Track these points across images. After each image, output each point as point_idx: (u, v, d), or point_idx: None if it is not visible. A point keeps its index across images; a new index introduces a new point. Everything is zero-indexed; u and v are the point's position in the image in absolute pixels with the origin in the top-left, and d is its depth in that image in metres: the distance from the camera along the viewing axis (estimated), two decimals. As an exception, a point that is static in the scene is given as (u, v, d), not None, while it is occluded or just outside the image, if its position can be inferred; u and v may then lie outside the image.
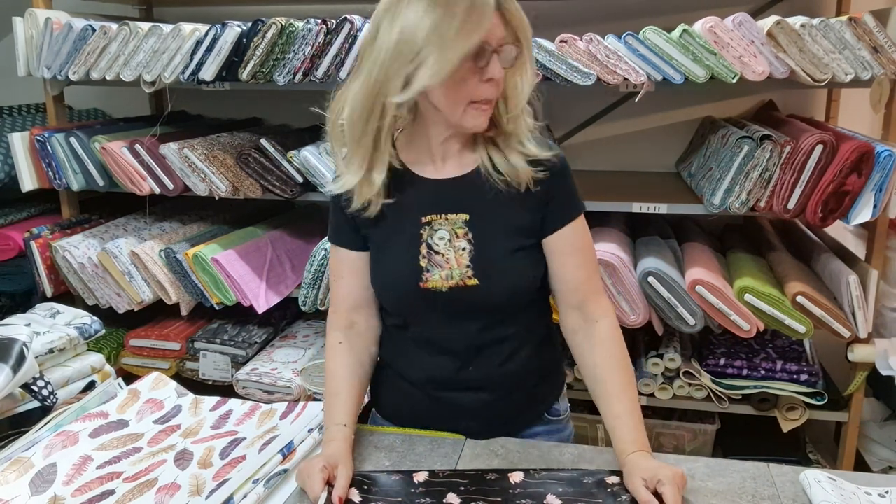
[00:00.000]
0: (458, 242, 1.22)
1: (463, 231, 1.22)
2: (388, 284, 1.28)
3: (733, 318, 1.97)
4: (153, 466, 1.14)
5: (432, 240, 1.23)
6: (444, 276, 1.22)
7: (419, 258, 1.23)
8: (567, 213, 1.24)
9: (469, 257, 1.21)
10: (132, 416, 1.28)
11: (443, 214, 1.23)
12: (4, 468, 1.10)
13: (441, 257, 1.22)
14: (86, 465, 1.14)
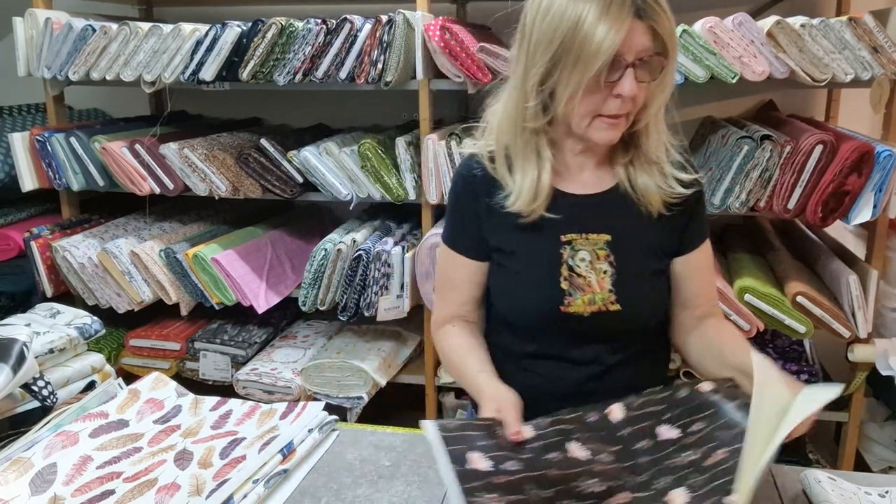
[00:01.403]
0: (600, 265, 1.17)
1: (604, 253, 1.17)
2: (523, 306, 1.20)
3: (733, 318, 1.97)
4: (153, 466, 1.14)
5: (573, 261, 1.17)
6: (587, 300, 1.16)
7: (560, 280, 1.16)
8: (702, 234, 1.23)
9: (611, 281, 1.16)
10: (132, 416, 1.28)
11: (584, 234, 1.17)
12: (4, 468, 1.10)
13: (583, 280, 1.16)
14: (86, 465, 1.14)
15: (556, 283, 1.16)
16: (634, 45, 1.04)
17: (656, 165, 1.16)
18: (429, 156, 2.11)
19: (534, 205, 1.16)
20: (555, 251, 1.17)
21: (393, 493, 1.11)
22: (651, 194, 1.16)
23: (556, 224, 1.17)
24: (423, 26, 2.04)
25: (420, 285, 2.21)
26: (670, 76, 1.10)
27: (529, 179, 1.15)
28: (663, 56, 1.06)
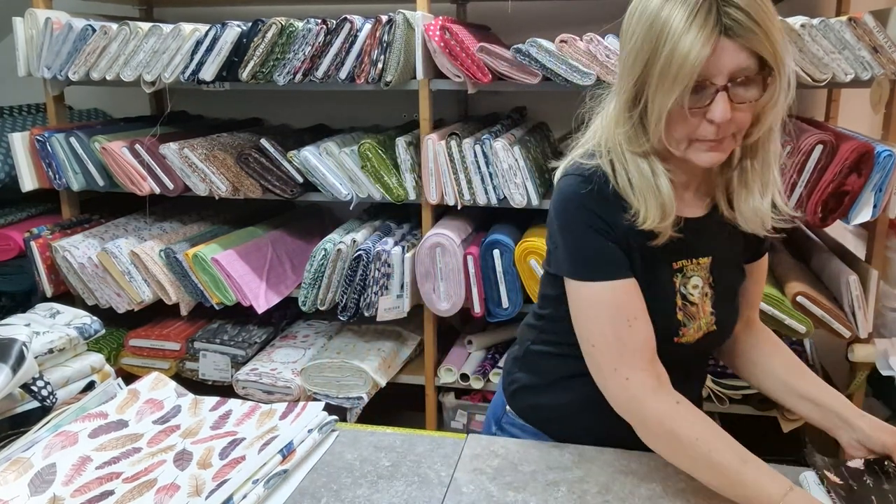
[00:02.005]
0: (705, 289, 1.13)
1: (706, 275, 1.13)
2: None
3: (733, 318, 1.97)
4: (153, 467, 1.14)
5: (686, 289, 1.11)
6: (696, 328, 1.12)
7: (676, 311, 1.10)
8: (769, 242, 1.23)
9: (711, 303, 1.13)
10: (131, 417, 1.28)
11: (694, 259, 1.11)
12: (4, 468, 1.10)
13: (695, 308, 1.12)
14: (85, 465, 1.14)
15: (672, 315, 1.10)
16: (725, 67, 0.93)
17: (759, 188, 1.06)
18: (429, 156, 2.11)
19: (665, 223, 1.03)
20: (668, 279, 1.09)
21: (393, 493, 1.10)
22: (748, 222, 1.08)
23: (666, 251, 1.07)
24: (423, 26, 2.04)
25: (420, 285, 2.21)
26: (782, 93, 0.97)
27: (653, 195, 1.02)
28: (759, 77, 0.95)
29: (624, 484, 1.12)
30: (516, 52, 1.99)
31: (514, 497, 1.09)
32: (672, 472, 1.14)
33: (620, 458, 1.19)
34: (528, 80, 2.02)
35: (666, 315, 1.09)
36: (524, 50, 1.97)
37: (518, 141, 2.16)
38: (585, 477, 1.14)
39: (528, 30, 2.46)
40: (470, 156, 2.09)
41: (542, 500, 1.08)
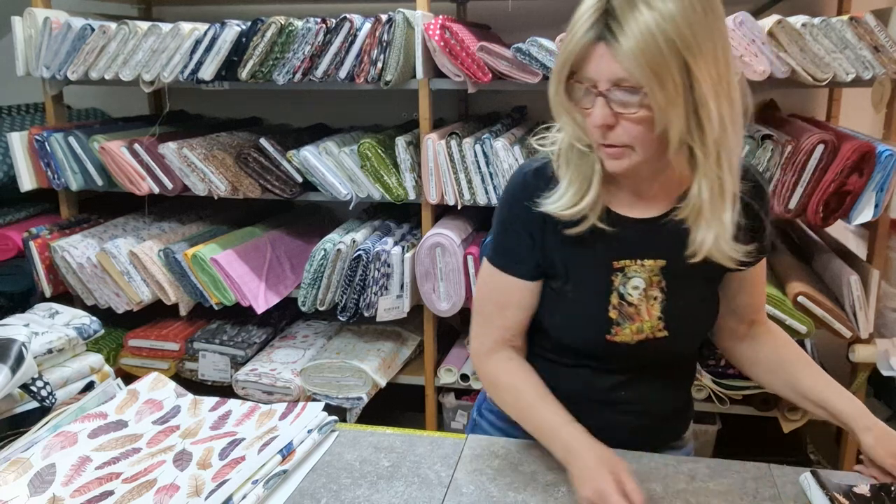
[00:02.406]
0: (652, 291, 1.12)
1: (657, 279, 1.12)
2: (570, 332, 1.16)
3: (734, 318, 1.97)
4: (152, 467, 1.14)
5: (625, 289, 1.12)
6: (635, 329, 1.12)
7: (609, 309, 1.12)
8: (766, 247, 1.16)
9: (661, 308, 1.12)
10: (131, 417, 1.28)
11: (639, 260, 1.11)
12: (3, 468, 1.10)
13: (633, 309, 1.12)
14: (84, 465, 1.14)
15: (604, 312, 1.12)
16: (603, 73, 0.95)
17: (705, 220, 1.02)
18: (429, 155, 2.11)
19: (576, 207, 1.07)
20: (606, 278, 1.11)
21: (393, 493, 1.10)
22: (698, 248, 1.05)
23: (608, 249, 1.10)
24: (423, 25, 2.04)
25: (420, 285, 2.21)
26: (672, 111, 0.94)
27: (575, 184, 1.07)
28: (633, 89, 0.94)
29: (625, 484, 1.11)
30: (516, 51, 1.98)
31: (515, 497, 1.09)
32: (672, 471, 1.14)
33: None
34: (528, 79, 2.02)
35: (595, 309, 1.12)
36: (524, 49, 1.97)
37: (518, 140, 2.16)
38: (586, 477, 1.13)
39: (529, 29, 2.46)
40: (470, 155, 2.09)
41: (542, 500, 1.08)
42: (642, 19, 0.91)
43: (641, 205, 1.12)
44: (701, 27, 0.93)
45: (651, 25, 0.91)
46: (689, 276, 1.11)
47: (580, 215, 1.08)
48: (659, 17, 0.91)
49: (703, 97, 0.94)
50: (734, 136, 0.99)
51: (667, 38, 0.91)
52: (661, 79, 0.92)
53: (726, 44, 0.97)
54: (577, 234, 1.08)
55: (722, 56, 0.95)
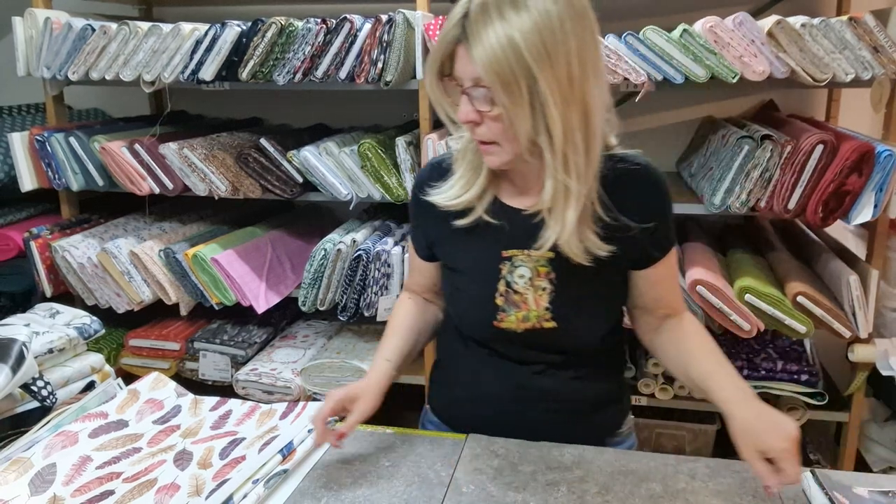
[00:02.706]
0: (539, 282, 1.16)
1: (545, 270, 1.15)
2: (462, 315, 1.25)
3: (734, 318, 1.97)
4: (153, 467, 1.14)
5: (512, 277, 1.16)
6: (521, 317, 1.17)
7: (495, 296, 1.17)
8: (665, 246, 1.19)
9: (549, 299, 1.16)
10: (132, 417, 1.28)
11: (526, 251, 1.15)
12: (4, 468, 1.10)
13: (519, 297, 1.16)
14: (85, 465, 1.14)
15: (491, 299, 1.17)
16: (465, 72, 1.02)
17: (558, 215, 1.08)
18: (429, 156, 2.11)
19: (460, 198, 1.15)
20: (494, 266, 1.17)
21: (393, 493, 1.10)
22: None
23: (498, 238, 1.16)
24: (423, 26, 2.04)
25: (420, 285, 2.21)
26: (509, 109, 1.00)
27: (468, 176, 1.16)
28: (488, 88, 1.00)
29: (624, 484, 1.12)
30: (516, 51, 1.98)
31: (514, 497, 1.09)
32: (672, 471, 1.15)
33: (620, 458, 1.19)
34: (528, 79, 2.02)
35: (484, 297, 1.17)
36: (524, 50, 1.97)
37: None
38: (585, 477, 1.14)
39: (528, 29, 2.46)
40: (470, 156, 2.09)
41: (542, 500, 1.08)
42: (491, 28, 0.97)
43: (530, 197, 1.16)
44: (553, 39, 0.97)
45: (500, 35, 0.96)
46: (580, 269, 1.13)
47: (465, 206, 1.16)
48: (508, 28, 0.96)
49: (548, 104, 0.99)
50: (585, 142, 1.04)
51: (514, 47, 0.96)
52: (506, 84, 0.98)
53: (588, 53, 1.01)
54: (467, 224, 1.16)
55: (577, 66, 1.00)
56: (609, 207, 1.12)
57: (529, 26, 0.97)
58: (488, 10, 0.98)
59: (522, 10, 0.97)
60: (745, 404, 1.06)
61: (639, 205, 1.14)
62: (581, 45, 1.00)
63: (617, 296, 1.23)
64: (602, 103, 1.07)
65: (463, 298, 1.23)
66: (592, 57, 1.03)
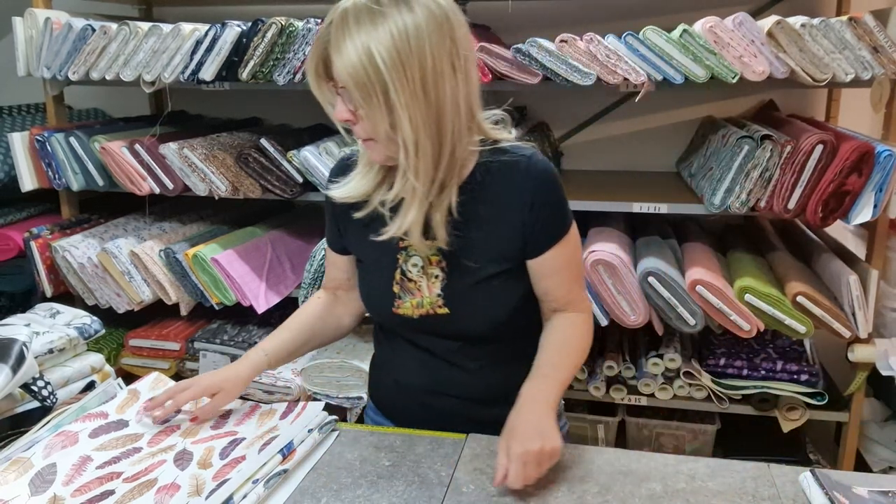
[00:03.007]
0: (432, 270, 1.22)
1: (437, 259, 1.21)
2: (366, 302, 1.33)
3: (733, 318, 1.97)
4: (153, 467, 1.14)
5: (406, 266, 1.23)
6: (415, 304, 1.23)
7: (392, 284, 1.24)
8: (551, 237, 1.21)
9: (441, 286, 1.22)
10: (131, 417, 1.28)
11: (390, 230, 1.19)
12: (4, 468, 1.10)
13: (413, 285, 1.23)
14: (85, 465, 1.14)
15: (389, 287, 1.24)
16: (337, 74, 1.08)
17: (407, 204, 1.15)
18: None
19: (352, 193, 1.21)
20: (391, 256, 1.24)
21: (393, 493, 1.10)
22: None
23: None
24: (423, 26, 2.04)
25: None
26: (366, 109, 1.08)
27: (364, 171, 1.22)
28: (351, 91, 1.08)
29: (624, 484, 1.12)
30: (516, 51, 1.98)
31: (514, 497, 1.09)
32: (672, 471, 1.15)
33: (621, 458, 1.19)
34: (528, 79, 2.02)
35: (383, 283, 1.25)
36: (524, 50, 1.97)
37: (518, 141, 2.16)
38: (585, 477, 1.14)
39: (528, 29, 2.46)
40: (470, 156, 2.09)
41: (542, 499, 1.08)
42: (349, 39, 1.04)
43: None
44: (407, 49, 1.04)
45: (357, 46, 1.04)
46: (469, 257, 1.20)
47: (360, 199, 1.22)
48: (365, 38, 1.04)
49: (399, 108, 1.06)
50: (436, 146, 1.10)
51: (369, 57, 1.04)
52: (362, 88, 1.06)
53: (444, 60, 1.07)
54: (364, 216, 1.22)
55: (431, 73, 1.06)
56: (480, 199, 1.18)
57: (385, 37, 1.04)
58: (348, 21, 1.05)
59: (379, 22, 1.04)
60: (524, 408, 1.15)
61: (517, 195, 1.18)
62: (438, 52, 1.07)
63: (511, 284, 1.24)
64: (465, 106, 1.13)
65: (366, 286, 1.31)
66: (450, 63, 1.09)
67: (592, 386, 2.24)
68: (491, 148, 1.20)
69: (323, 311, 1.41)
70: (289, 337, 1.37)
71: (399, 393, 1.36)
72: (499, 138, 1.23)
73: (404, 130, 1.08)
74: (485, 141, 1.21)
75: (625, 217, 2.45)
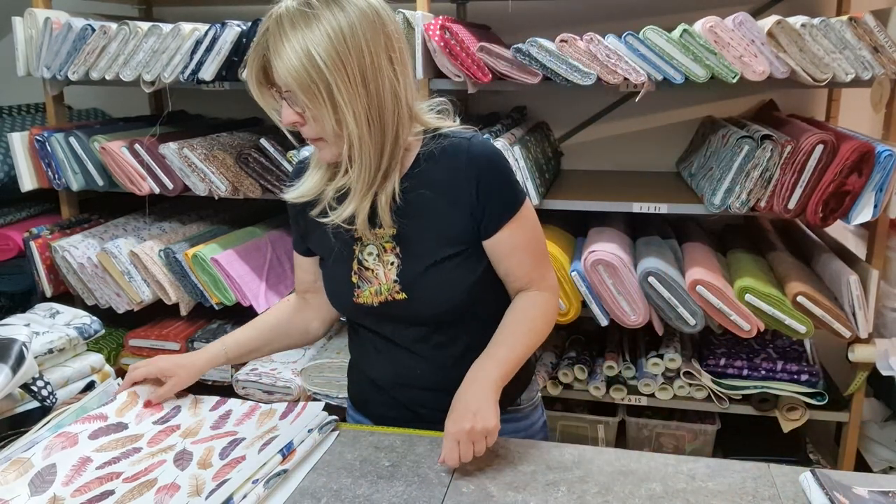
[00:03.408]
0: (387, 257, 1.25)
1: (391, 245, 1.24)
2: (331, 299, 1.35)
3: (734, 318, 1.97)
4: (153, 467, 1.14)
5: (363, 255, 1.26)
6: (374, 291, 1.26)
7: (351, 274, 1.27)
8: (500, 216, 1.23)
9: (396, 272, 1.24)
10: (131, 419, 1.28)
11: (372, 230, 1.23)
12: (4, 468, 1.10)
13: (371, 273, 1.26)
14: (85, 465, 1.14)
15: (348, 277, 1.27)
16: (279, 79, 1.12)
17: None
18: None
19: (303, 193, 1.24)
20: (348, 248, 1.27)
21: (393, 493, 1.10)
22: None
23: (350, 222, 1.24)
24: (423, 26, 2.04)
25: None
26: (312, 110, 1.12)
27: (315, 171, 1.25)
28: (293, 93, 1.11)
29: (624, 484, 1.12)
30: (516, 51, 1.98)
31: (514, 497, 1.09)
32: (672, 471, 1.15)
33: (621, 459, 1.19)
34: (528, 79, 2.02)
35: (342, 275, 1.28)
36: (524, 49, 1.97)
37: (518, 141, 2.16)
38: (585, 477, 1.14)
39: (529, 29, 2.46)
40: (470, 155, 2.09)
41: (541, 500, 1.08)
42: (287, 43, 1.08)
43: None
44: (344, 46, 1.08)
45: (295, 48, 1.07)
46: (422, 241, 1.23)
47: (313, 196, 1.24)
48: (302, 41, 1.07)
49: (343, 104, 1.10)
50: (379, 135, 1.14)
51: (308, 58, 1.07)
52: (306, 90, 1.09)
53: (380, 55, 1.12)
54: (318, 214, 1.24)
55: (370, 68, 1.11)
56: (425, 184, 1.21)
57: (321, 37, 1.07)
58: (283, 25, 1.08)
59: (314, 24, 1.07)
60: (464, 387, 1.19)
61: (461, 176, 1.21)
62: (374, 48, 1.11)
63: (467, 266, 1.25)
64: (403, 97, 1.16)
65: (328, 281, 1.33)
66: (387, 57, 1.13)
67: (592, 386, 2.24)
68: (433, 135, 1.24)
69: (290, 314, 1.43)
70: (252, 335, 1.41)
71: (370, 388, 1.37)
72: (440, 126, 1.26)
73: (349, 125, 1.11)
74: (427, 130, 1.24)
75: (625, 217, 2.45)
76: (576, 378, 2.27)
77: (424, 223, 1.22)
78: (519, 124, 2.44)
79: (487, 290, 1.29)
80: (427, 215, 1.22)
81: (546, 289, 1.30)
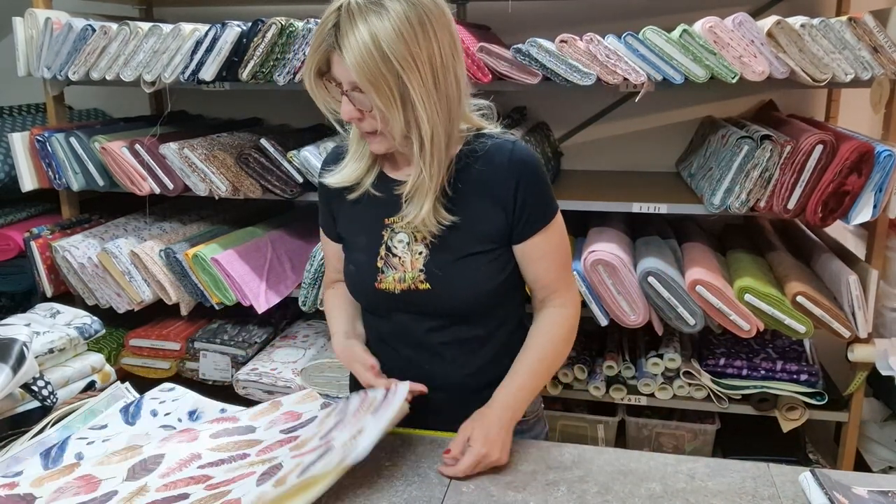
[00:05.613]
0: (416, 246, 1.25)
1: (422, 235, 1.24)
2: (350, 281, 1.34)
3: (733, 318, 1.97)
4: (239, 478, 1.09)
5: (392, 242, 1.26)
6: (398, 278, 1.26)
7: (377, 259, 1.27)
8: (535, 223, 1.24)
9: (423, 262, 1.24)
10: (262, 424, 1.25)
11: (405, 218, 1.24)
12: (116, 451, 1.12)
13: (398, 260, 1.26)
14: (191, 462, 1.11)
15: (374, 262, 1.27)
16: (342, 76, 1.12)
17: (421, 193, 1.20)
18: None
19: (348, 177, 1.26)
20: (377, 233, 1.27)
21: (393, 493, 1.11)
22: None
23: (381, 207, 1.27)
24: (423, 26, 2.04)
25: (420, 285, 2.21)
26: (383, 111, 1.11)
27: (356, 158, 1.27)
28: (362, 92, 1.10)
29: (624, 484, 1.12)
30: (516, 52, 1.99)
31: (514, 497, 1.09)
32: (671, 471, 1.15)
33: (620, 458, 1.19)
34: (528, 80, 2.02)
35: (368, 259, 1.28)
36: (524, 50, 1.97)
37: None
38: (585, 477, 1.14)
39: (528, 30, 2.46)
40: (470, 156, 2.09)
41: (541, 499, 1.08)
42: (360, 36, 1.07)
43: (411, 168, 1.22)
44: (414, 43, 1.08)
45: (367, 42, 1.06)
46: (455, 233, 1.23)
47: (353, 182, 1.27)
48: (374, 35, 1.06)
49: (414, 103, 1.10)
50: (447, 135, 1.15)
51: (381, 53, 1.07)
52: (377, 87, 1.08)
53: (446, 50, 1.12)
54: (356, 198, 1.28)
55: (440, 65, 1.11)
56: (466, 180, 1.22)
57: (393, 34, 1.07)
58: (355, 19, 1.08)
59: (385, 18, 1.07)
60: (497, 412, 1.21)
61: (502, 177, 1.22)
62: (441, 44, 1.11)
63: (493, 267, 1.26)
64: (464, 95, 1.18)
65: (351, 263, 1.33)
66: (451, 52, 1.13)
67: (592, 386, 2.24)
68: (476, 133, 1.25)
69: (346, 295, 1.41)
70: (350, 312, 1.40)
71: None
72: (483, 126, 1.27)
73: (421, 125, 1.12)
74: (469, 128, 1.25)
75: (625, 217, 2.45)
76: (575, 378, 2.27)
77: (460, 217, 1.22)
78: (519, 124, 2.44)
79: (508, 293, 1.30)
80: (464, 210, 1.22)
81: (571, 302, 1.31)
